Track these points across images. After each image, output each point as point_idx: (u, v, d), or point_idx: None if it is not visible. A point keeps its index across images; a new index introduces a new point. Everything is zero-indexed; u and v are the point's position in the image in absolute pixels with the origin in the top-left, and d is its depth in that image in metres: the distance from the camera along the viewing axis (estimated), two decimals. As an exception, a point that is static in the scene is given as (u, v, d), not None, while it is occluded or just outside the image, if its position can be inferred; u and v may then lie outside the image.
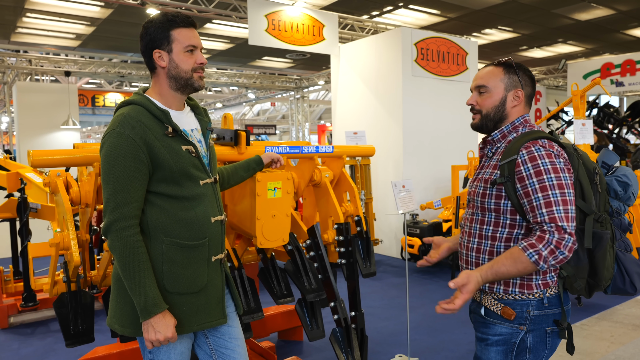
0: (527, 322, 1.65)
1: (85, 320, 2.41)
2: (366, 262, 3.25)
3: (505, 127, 1.76)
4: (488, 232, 1.72)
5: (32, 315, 4.56)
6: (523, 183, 1.62)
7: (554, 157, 1.61)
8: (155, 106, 1.73)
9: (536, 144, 1.63)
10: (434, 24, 11.10)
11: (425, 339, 4.02)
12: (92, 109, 21.63)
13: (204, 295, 1.79)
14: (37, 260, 5.81)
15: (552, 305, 1.67)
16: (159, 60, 1.75)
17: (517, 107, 1.76)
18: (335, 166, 3.35)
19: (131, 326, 1.71)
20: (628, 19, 11.11)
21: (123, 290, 1.72)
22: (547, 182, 1.58)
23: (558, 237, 1.54)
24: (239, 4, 8.29)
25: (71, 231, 2.41)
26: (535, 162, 1.60)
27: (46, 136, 11.37)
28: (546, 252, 1.54)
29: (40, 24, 10.36)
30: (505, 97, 1.75)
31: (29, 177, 4.39)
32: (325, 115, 27.36)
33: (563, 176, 1.59)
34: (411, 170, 7.00)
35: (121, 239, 1.63)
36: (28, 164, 2.36)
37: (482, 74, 1.79)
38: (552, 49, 14.28)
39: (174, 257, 1.72)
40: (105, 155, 1.66)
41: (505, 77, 1.75)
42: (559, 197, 1.57)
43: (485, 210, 1.73)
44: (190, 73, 1.77)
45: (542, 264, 1.55)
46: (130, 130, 1.65)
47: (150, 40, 1.74)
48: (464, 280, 1.56)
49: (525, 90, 1.76)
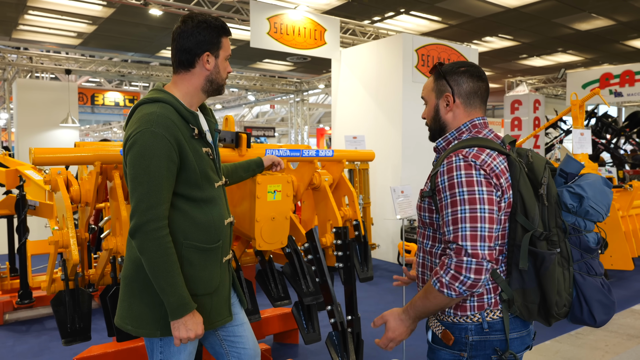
0: (467, 348, 1.51)
1: (83, 319, 2.41)
2: (363, 267, 3.26)
3: (450, 133, 1.62)
4: (427, 247, 1.62)
5: (28, 312, 4.54)
6: (439, 196, 1.50)
7: (473, 169, 1.44)
8: (183, 107, 1.75)
9: (459, 153, 1.48)
10: (434, 30, 11.15)
11: (421, 344, 4.02)
12: (92, 108, 21.63)
13: (216, 296, 1.82)
14: (34, 258, 5.80)
15: (494, 330, 1.50)
16: (206, 62, 1.77)
17: (454, 112, 1.62)
18: (334, 170, 3.36)
19: (147, 327, 1.73)
20: (627, 30, 11.18)
21: (138, 291, 1.73)
22: (457, 197, 1.43)
23: (456, 260, 1.40)
24: (242, 6, 8.32)
25: (71, 229, 2.42)
26: (450, 174, 1.46)
27: (45, 134, 11.35)
28: (447, 278, 1.41)
29: (42, 21, 10.37)
30: (437, 104, 1.65)
31: (27, 175, 4.39)
32: (324, 118, 27.40)
33: (478, 190, 1.42)
34: (410, 175, 7.02)
35: (155, 239, 1.61)
36: (30, 161, 2.36)
37: (423, 86, 1.73)
38: (552, 58, 14.36)
39: (192, 260, 1.75)
40: (139, 155, 1.62)
41: (435, 84, 1.66)
42: (467, 213, 1.41)
43: (424, 224, 1.63)
44: (224, 80, 1.85)
45: (450, 292, 1.41)
46: (164, 130, 1.64)
47: (203, 41, 1.76)
48: (383, 319, 1.55)
49: (458, 90, 1.60)
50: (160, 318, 1.72)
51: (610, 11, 9.89)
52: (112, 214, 2.52)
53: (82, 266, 2.59)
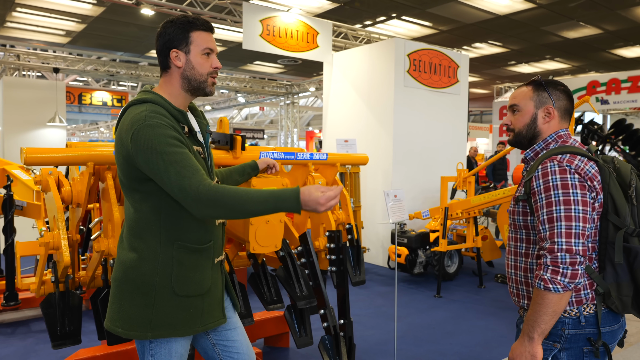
0: (562, 340, 1.64)
1: (73, 322, 2.38)
2: (356, 270, 3.26)
3: (537, 144, 1.78)
4: (522, 249, 1.74)
5: (13, 314, 4.46)
6: (534, 199, 1.64)
7: (568, 173, 1.59)
8: (172, 106, 1.73)
9: (553, 159, 1.63)
10: (425, 35, 11.23)
11: (412, 348, 4.04)
12: (79, 107, 21.39)
13: (208, 297, 1.80)
14: (21, 259, 5.70)
15: (589, 324, 1.64)
16: (175, 59, 1.76)
17: (550, 123, 1.77)
18: (328, 174, 3.36)
19: (138, 329, 1.70)
20: (614, 38, 11.37)
21: (127, 293, 1.71)
22: (553, 198, 1.58)
23: (551, 257, 1.54)
24: (234, 8, 8.30)
25: (62, 231, 2.38)
26: (546, 178, 1.61)
27: (32, 133, 11.19)
28: (548, 274, 1.54)
29: (30, 19, 10.23)
30: (535, 114, 1.77)
31: (15, 174, 4.32)
32: (313, 121, 27.41)
33: (573, 192, 1.58)
34: (400, 179, 7.05)
35: (216, 191, 1.57)
36: (21, 161, 2.32)
37: (515, 94, 1.83)
38: (540, 65, 14.54)
39: (183, 260, 1.73)
40: (148, 149, 1.60)
41: (535, 95, 1.78)
42: (562, 212, 1.56)
43: (517, 228, 1.76)
44: (205, 76, 1.78)
45: (555, 287, 1.53)
46: (159, 119, 1.64)
47: (169, 39, 1.75)
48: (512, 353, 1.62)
49: (558, 105, 1.76)
50: (151, 319, 1.70)
51: (598, 20, 10.05)
52: (104, 216, 2.49)
53: (72, 268, 2.55)
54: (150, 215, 1.71)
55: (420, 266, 6.11)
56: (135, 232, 1.73)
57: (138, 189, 1.71)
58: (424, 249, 6.13)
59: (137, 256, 1.71)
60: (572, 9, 9.29)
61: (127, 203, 1.78)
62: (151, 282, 1.70)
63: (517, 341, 1.65)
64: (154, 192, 1.69)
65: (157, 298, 1.70)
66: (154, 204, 1.70)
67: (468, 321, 4.73)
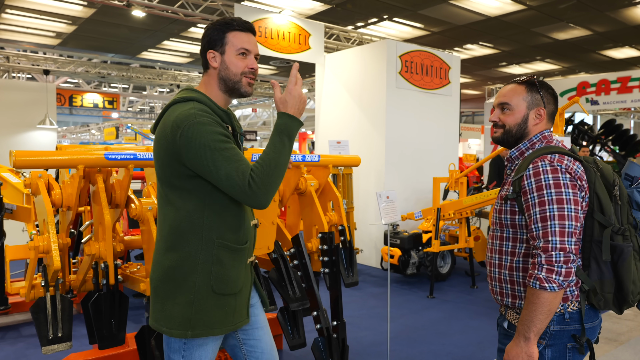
0: (547, 337, 1.66)
1: (63, 326, 2.35)
2: (349, 272, 3.26)
3: (522, 144, 1.80)
4: (507, 248, 1.75)
5: (3, 319, 4.41)
6: (525, 197, 1.65)
7: (560, 172, 1.61)
8: (217, 105, 1.76)
9: (544, 159, 1.64)
10: (417, 37, 11.26)
11: (405, 349, 4.04)
12: (70, 109, 21.25)
13: (239, 296, 1.83)
14: (10, 264, 5.64)
15: (573, 320, 1.66)
16: (211, 60, 1.79)
17: (539, 125, 1.78)
18: (320, 175, 3.36)
19: (179, 327, 1.72)
20: (604, 40, 11.47)
21: (170, 292, 1.73)
22: (546, 197, 1.59)
23: (546, 256, 1.56)
24: (226, 9, 8.28)
25: (52, 234, 2.36)
26: (538, 177, 1.62)
27: (22, 135, 11.10)
28: (543, 273, 1.55)
29: (20, 20, 10.14)
30: (527, 115, 1.78)
31: (4, 177, 4.28)
32: (306, 123, 27.37)
33: (565, 191, 1.59)
34: (393, 180, 7.06)
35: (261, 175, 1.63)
36: (10, 164, 2.30)
37: (505, 92, 1.82)
38: (531, 66, 14.64)
39: (223, 259, 1.75)
40: (201, 145, 1.62)
41: (528, 95, 1.78)
42: (555, 211, 1.58)
43: (503, 227, 1.76)
44: (239, 76, 1.80)
45: (550, 285, 1.55)
46: (208, 117, 1.66)
47: (208, 41, 1.80)
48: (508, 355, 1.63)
49: (548, 108, 1.79)
50: (191, 318, 1.72)
51: (588, 22, 10.14)
52: (95, 218, 2.47)
53: (63, 272, 2.52)
54: (194, 213, 1.72)
55: (413, 267, 6.13)
56: (177, 231, 1.73)
57: (179, 186, 1.71)
58: (416, 250, 6.14)
59: (178, 255, 1.73)
60: (562, 10, 9.36)
61: (164, 204, 1.78)
62: (192, 280, 1.72)
63: (512, 342, 1.65)
64: (197, 190, 1.71)
65: (196, 296, 1.72)
66: (197, 202, 1.72)
67: (461, 321, 4.74)
